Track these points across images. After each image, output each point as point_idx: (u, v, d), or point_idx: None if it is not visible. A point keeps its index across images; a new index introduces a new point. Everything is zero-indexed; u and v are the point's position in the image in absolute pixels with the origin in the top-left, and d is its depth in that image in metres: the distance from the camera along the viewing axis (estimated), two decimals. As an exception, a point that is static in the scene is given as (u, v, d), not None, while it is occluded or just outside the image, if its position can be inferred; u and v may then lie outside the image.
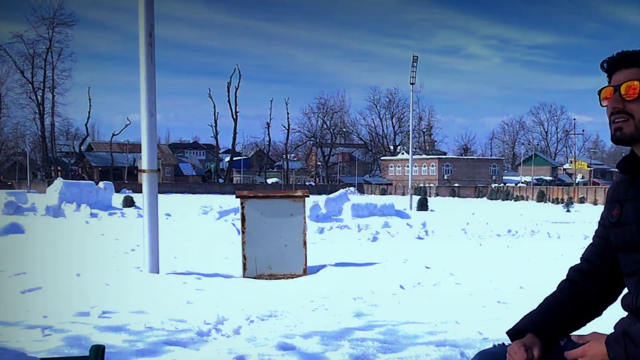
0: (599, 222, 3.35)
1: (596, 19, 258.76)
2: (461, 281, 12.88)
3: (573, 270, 3.39)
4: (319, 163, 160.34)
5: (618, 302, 3.33)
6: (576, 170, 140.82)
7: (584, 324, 3.30)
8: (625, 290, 3.16)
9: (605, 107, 3.03)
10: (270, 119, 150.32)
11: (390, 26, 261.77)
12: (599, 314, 3.32)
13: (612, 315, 3.26)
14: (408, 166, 75.49)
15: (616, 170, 3.27)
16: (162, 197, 16.42)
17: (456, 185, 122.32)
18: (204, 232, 24.02)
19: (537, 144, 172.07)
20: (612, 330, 3.10)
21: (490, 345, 3.30)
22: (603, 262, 3.27)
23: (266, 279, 13.49)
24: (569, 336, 3.20)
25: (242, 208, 13.88)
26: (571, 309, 3.26)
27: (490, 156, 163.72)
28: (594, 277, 3.29)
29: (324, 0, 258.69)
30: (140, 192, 14.33)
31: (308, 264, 14.00)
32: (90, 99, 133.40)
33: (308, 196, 14.50)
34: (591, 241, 3.40)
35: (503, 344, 3.23)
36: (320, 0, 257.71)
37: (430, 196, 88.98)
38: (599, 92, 3.07)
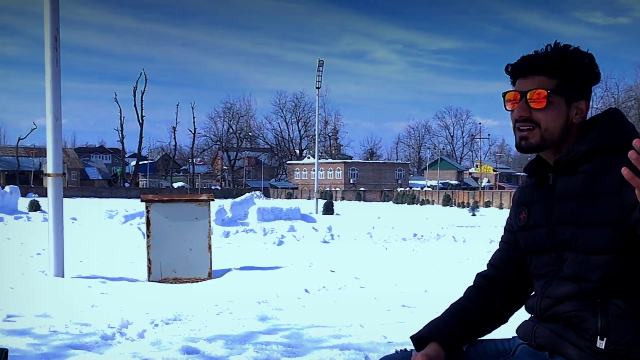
0: (505, 228, 3.39)
1: (500, 24, 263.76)
2: (366, 285, 12.94)
3: (480, 276, 3.40)
4: (225, 167, 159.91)
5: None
6: (482, 174, 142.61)
7: (490, 331, 3.32)
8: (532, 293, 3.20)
9: (510, 111, 3.06)
10: (176, 123, 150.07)
11: (296, 31, 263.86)
12: (505, 320, 3.34)
13: (516, 318, 3.31)
14: (314, 170, 75.64)
15: (521, 174, 3.32)
16: (67, 201, 16.24)
17: (362, 189, 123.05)
18: (110, 236, 23.83)
19: (443, 148, 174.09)
20: (515, 334, 3.19)
21: (394, 349, 3.30)
22: (510, 267, 3.30)
23: (171, 282, 13.40)
24: (471, 341, 3.22)
25: (147, 212, 13.77)
26: (477, 315, 3.27)
27: (396, 160, 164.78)
28: (501, 283, 3.31)
29: (229, 5, 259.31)
30: (46, 196, 14.13)
31: (213, 268, 13.93)
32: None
33: (213, 200, 14.45)
34: (498, 247, 3.43)
35: (405, 349, 3.21)
36: (225, 5, 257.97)
37: (336, 200, 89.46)
38: (504, 95, 3.09)
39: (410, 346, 3.25)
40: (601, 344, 2.75)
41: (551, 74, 2.95)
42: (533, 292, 3.16)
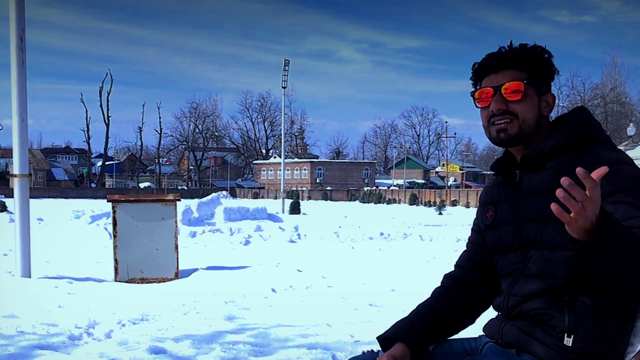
0: (472, 229, 3.42)
1: (465, 23, 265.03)
2: (333, 284, 12.97)
3: (447, 277, 3.41)
4: (191, 167, 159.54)
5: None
6: (448, 173, 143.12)
7: (457, 332, 3.34)
8: None
9: (481, 109, 3.09)
10: (143, 123, 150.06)
11: (261, 31, 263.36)
12: (472, 321, 3.37)
13: (483, 316, 3.34)
14: (280, 170, 75.62)
15: (488, 172, 3.35)
16: (34, 202, 16.16)
17: (329, 188, 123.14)
18: (76, 236, 23.69)
19: (410, 147, 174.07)
20: (482, 333, 3.21)
21: (361, 349, 3.32)
22: (477, 268, 3.32)
23: (138, 282, 13.36)
24: (438, 341, 3.23)
25: (114, 212, 13.73)
26: (444, 316, 3.28)
27: (363, 159, 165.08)
28: (468, 284, 3.33)
29: (195, 5, 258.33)
30: (13, 196, 14.06)
31: (180, 268, 13.91)
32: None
33: (179, 200, 14.42)
34: (465, 248, 3.45)
35: (372, 350, 3.23)
36: (191, 5, 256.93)
37: (302, 200, 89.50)
38: (473, 94, 3.12)
39: (377, 347, 3.26)
40: (568, 341, 2.79)
41: (522, 67, 3.01)
42: (500, 291, 3.16)
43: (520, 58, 3.02)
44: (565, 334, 2.79)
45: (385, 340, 3.19)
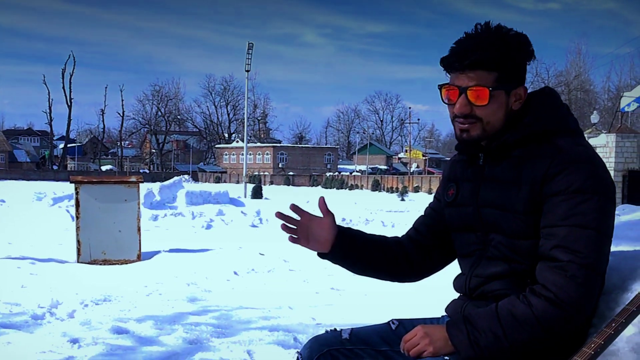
0: (435, 196, 3.43)
1: (430, 9, 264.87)
2: (295, 268, 13.06)
3: (404, 234, 3.47)
4: (154, 150, 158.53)
5: (448, 284, 3.50)
6: (411, 159, 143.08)
7: (390, 274, 3.42)
8: (458, 271, 3.22)
9: (448, 104, 3.01)
10: (105, 105, 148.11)
11: (225, 14, 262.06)
12: (409, 277, 3.43)
13: (445, 297, 3.41)
14: (243, 154, 75.42)
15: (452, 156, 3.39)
16: (-5, 183, 16.14)
17: (291, 173, 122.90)
18: (38, 218, 23.58)
19: (372, 133, 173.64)
20: (444, 313, 3.24)
21: (324, 331, 3.38)
22: (430, 234, 3.37)
23: (100, 264, 13.37)
24: (400, 320, 3.26)
25: (77, 193, 13.71)
26: (390, 254, 3.36)
27: (325, 145, 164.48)
28: (418, 245, 3.38)
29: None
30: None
31: (142, 250, 13.94)
32: None
33: (142, 182, 14.42)
34: (423, 213, 3.48)
35: (335, 329, 3.26)
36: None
37: (265, 184, 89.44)
38: (440, 88, 3.03)
39: (339, 327, 3.31)
40: None
41: (491, 68, 2.89)
42: (460, 272, 3.19)
43: (487, 59, 2.88)
44: None
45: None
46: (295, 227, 3.29)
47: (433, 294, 7.16)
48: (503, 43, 2.90)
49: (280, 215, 3.34)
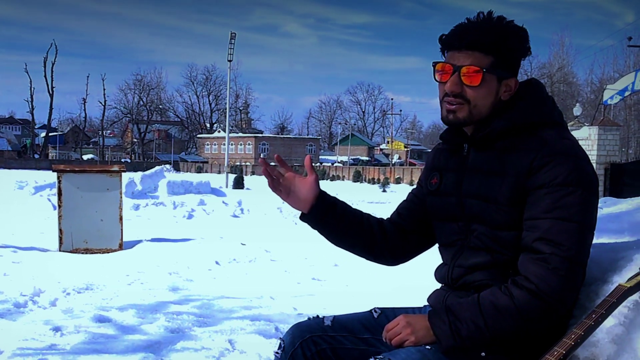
0: (418, 182, 3.46)
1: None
2: (276, 258, 13.09)
3: (388, 217, 3.51)
4: (135, 140, 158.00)
5: (428, 274, 3.52)
6: (393, 150, 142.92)
7: (367, 254, 3.45)
8: (440, 261, 3.24)
9: (439, 82, 3.02)
10: (87, 94, 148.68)
11: (207, 3, 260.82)
12: (386, 260, 3.46)
13: (427, 287, 3.44)
14: (224, 144, 75.42)
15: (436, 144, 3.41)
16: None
17: (272, 164, 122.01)
18: (20, 206, 23.50)
19: (354, 124, 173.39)
20: (426, 303, 3.27)
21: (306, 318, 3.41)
22: (411, 219, 3.40)
23: (82, 252, 13.38)
24: (382, 309, 3.29)
25: (59, 182, 13.70)
26: (368, 230, 3.38)
27: (307, 135, 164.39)
28: (399, 229, 3.41)
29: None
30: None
31: (124, 239, 13.95)
32: None
33: (125, 171, 14.43)
34: (406, 198, 3.52)
35: (317, 316, 3.30)
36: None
37: (246, 175, 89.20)
38: (434, 65, 3.03)
39: (322, 314, 3.34)
40: None
41: (487, 51, 2.91)
42: (442, 262, 3.22)
43: (486, 41, 2.91)
44: None
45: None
46: (275, 178, 3.36)
47: (415, 289, 7.21)
48: (503, 30, 2.94)
49: (264, 161, 3.38)
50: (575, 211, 2.73)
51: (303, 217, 3.37)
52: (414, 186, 3.57)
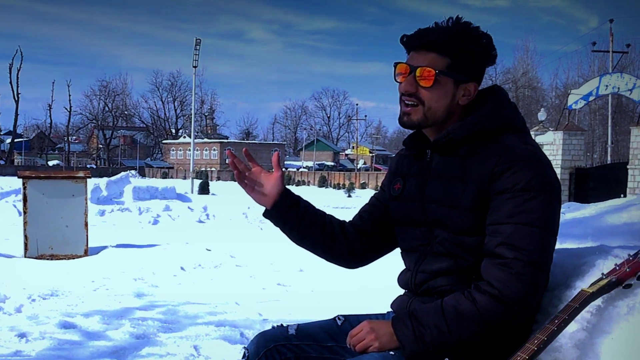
0: (380, 187, 3.45)
1: (376, 5, 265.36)
2: (242, 263, 13.08)
3: (350, 220, 3.51)
4: (101, 146, 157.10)
5: (391, 277, 3.55)
6: (358, 155, 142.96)
7: (328, 255, 3.47)
8: (402, 267, 3.25)
9: (399, 83, 3.01)
10: (52, 100, 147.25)
11: (172, 9, 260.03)
12: (346, 262, 3.47)
13: (390, 289, 3.48)
14: (190, 150, 75.06)
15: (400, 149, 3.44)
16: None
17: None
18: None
19: (320, 129, 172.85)
20: (389, 309, 3.26)
21: (270, 326, 3.43)
22: (372, 222, 3.40)
23: (47, 259, 13.34)
24: (345, 316, 3.28)
25: (24, 188, 13.66)
26: (330, 231, 3.42)
27: (272, 141, 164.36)
28: (360, 231, 3.42)
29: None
30: None
31: (89, 245, 13.92)
32: None
33: (90, 177, 14.41)
34: (368, 201, 3.51)
35: (282, 325, 3.28)
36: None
37: (212, 180, 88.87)
38: (395, 65, 3.04)
39: (285, 322, 3.35)
40: None
41: (444, 52, 2.92)
42: (405, 268, 3.22)
43: (444, 42, 2.92)
44: None
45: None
46: (241, 171, 3.48)
47: (378, 295, 7.27)
48: (462, 33, 2.94)
49: (231, 153, 3.46)
50: (537, 216, 2.75)
51: (266, 214, 3.45)
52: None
